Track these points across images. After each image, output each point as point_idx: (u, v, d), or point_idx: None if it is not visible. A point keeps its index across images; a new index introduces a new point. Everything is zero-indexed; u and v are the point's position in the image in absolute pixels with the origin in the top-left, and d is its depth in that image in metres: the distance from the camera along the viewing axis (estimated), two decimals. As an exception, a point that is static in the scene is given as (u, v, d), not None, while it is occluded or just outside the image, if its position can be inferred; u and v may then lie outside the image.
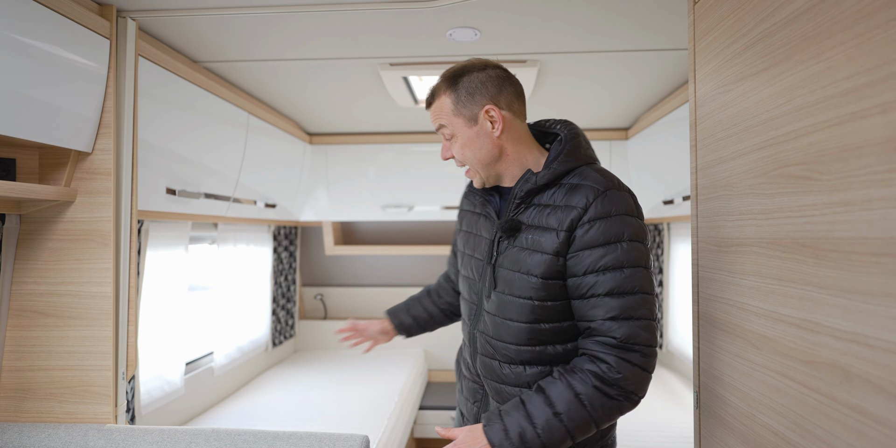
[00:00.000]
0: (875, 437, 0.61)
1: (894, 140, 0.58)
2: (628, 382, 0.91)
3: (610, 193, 0.95)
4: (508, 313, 1.01)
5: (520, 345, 1.01)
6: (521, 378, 1.02)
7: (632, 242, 0.93)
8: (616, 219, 0.93)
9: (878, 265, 0.61)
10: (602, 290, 0.93)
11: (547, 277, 0.97)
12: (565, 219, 0.95)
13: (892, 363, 0.59)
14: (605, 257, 0.93)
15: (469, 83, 1.02)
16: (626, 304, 0.92)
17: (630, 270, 0.93)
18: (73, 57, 1.18)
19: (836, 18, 0.67)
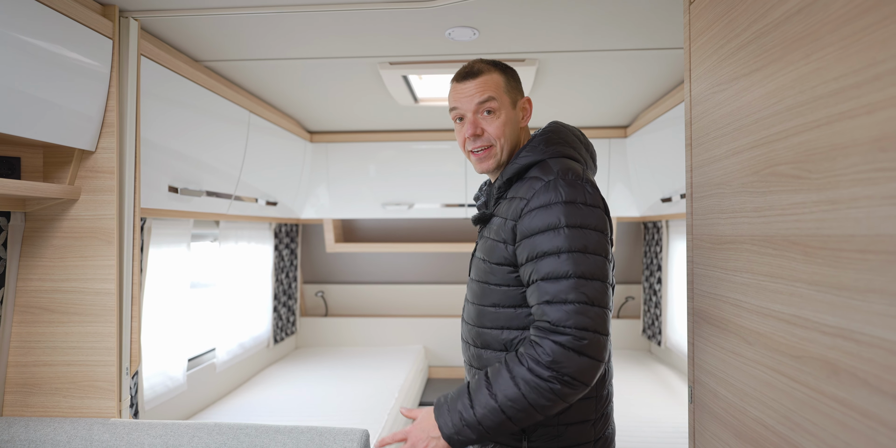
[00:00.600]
0: (859, 429, 0.63)
1: (879, 140, 0.59)
2: (561, 365, 0.89)
3: (553, 183, 0.96)
4: (473, 297, 1.08)
5: (484, 327, 1.05)
6: (483, 361, 1.06)
7: (571, 229, 0.93)
8: (555, 207, 0.94)
9: (863, 262, 0.62)
10: (538, 276, 0.95)
11: (496, 263, 1.02)
12: (516, 209, 0.99)
13: (875, 357, 0.60)
14: (543, 244, 0.94)
15: (513, 74, 1.10)
16: (559, 288, 0.92)
17: (566, 255, 0.92)
18: (77, 56, 1.20)
19: (824, 20, 0.69)
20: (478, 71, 1.06)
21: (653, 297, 3.10)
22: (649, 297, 3.16)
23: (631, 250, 3.43)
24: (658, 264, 2.99)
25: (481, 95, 1.04)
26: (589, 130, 2.82)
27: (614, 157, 2.82)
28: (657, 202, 2.54)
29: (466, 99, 1.06)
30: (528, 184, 1.00)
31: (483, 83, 1.05)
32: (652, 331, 3.12)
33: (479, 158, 1.08)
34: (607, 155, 2.82)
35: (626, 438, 1.95)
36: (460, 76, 1.08)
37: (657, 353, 3.16)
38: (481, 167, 1.09)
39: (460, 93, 1.07)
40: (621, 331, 3.35)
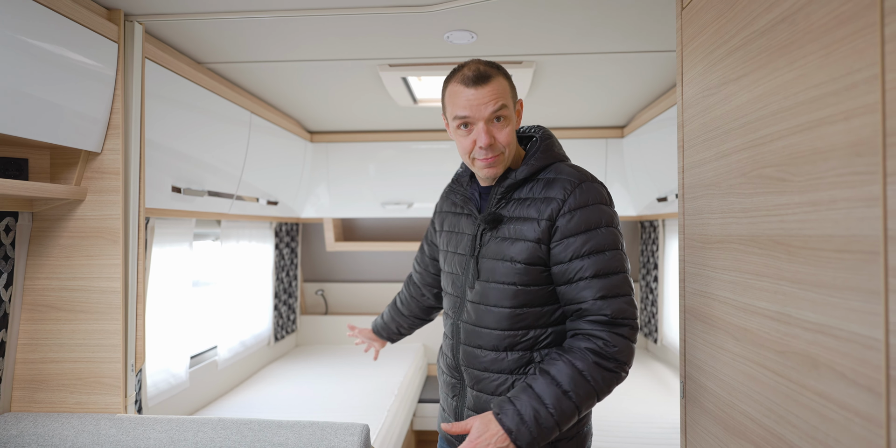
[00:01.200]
0: (837, 420, 0.66)
1: (856, 145, 0.62)
2: (622, 354, 0.98)
3: (585, 185, 1.03)
4: (492, 300, 1.07)
5: (502, 329, 1.06)
6: (501, 364, 1.07)
7: (608, 228, 1.02)
8: (593, 208, 1.02)
9: (840, 261, 0.65)
10: (589, 273, 1.00)
11: (530, 263, 1.04)
12: (545, 209, 1.02)
13: (852, 351, 0.63)
14: (587, 243, 1.00)
15: (510, 78, 1.10)
16: (612, 283, 1.00)
17: (611, 253, 1.01)
18: (83, 60, 1.22)
19: (807, 29, 0.72)
20: (488, 76, 1.02)
21: (649, 296, 3.13)
22: (646, 295, 3.19)
23: (628, 249, 3.46)
24: (655, 263, 3.02)
25: (496, 104, 1.01)
26: (586, 130, 2.85)
27: (611, 157, 2.85)
28: (653, 201, 2.57)
29: (480, 107, 1.01)
30: (553, 184, 1.05)
31: (495, 90, 1.02)
32: (648, 328, 3.16)
33: (488, 164, 1.06)
34: (604, 155, 2.85)
35: (621, 434, 1.99)
36: (470, 81, 1.02)
37: (653, 350, 3.20)
38: (490, 173, 1.07)
39: (472, 100, 1.02)
40: (618, 329, 3.38)
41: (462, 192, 1.17)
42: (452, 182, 1.22)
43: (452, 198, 1.20)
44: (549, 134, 1.14)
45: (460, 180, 1.20)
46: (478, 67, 1.04)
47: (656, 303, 3.00)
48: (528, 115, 2.51)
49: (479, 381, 1.10)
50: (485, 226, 1.09)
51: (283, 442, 1.20)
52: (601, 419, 2.11)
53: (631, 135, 2.68)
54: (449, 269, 1.19)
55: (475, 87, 1.01)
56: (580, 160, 2.95)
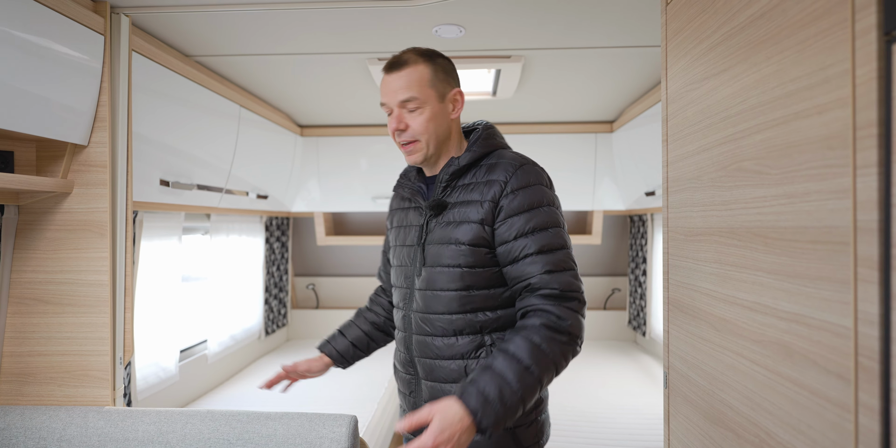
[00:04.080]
0: (810, 407, 0.68)
1: (828, 139, 0.64)
2: (574, 328, 1.00)
3: (526, 167, 1.07)
4: (439, 284, 1.07)
5: (452, 313, 1.06)
6: (454, 349, 1.07)
7: (550, 207, 1.05)
8: (535, 188, 1.05)
9: (814, 252, 0.67)
10: (533, 249, 1.02)
11: (474, 244, 1.05)
12: (488, 191, 1.05)
13: (823, 340, 0.65)
14: (531, 221, 1.03)
15: (445, 64, 1.10)
16: (557, 258, 1.02)
17: (554, 230, 1.04)
18: (69, 52, 1.22)
19: (783, 25, 0.73)
20: (403, 62, 1.06)
21: (638, 289, 3.16)
22: (634, 288, 3.22)
23: (617, 243, 3.49)
24: (643, 257, 3.05)
25: (403, 94, 1.05)
26: (576, 125, 2.86)
27: (601, 151, 2.87)
28: (642, 196, 2.60)
29: (390, 93, 1.06)
30: (495, 168, 1.07)
31: (407, 77, 1.05)
32: (637, 322, 3.19)
33: (406, 151, 1.11)
34: (594, 149, 2.87)
35: (607, 425, 2.02)
36: (387, 67, 1.07)
37: (642, 343, 3.24)
38: (409, 160, 1.12)
39: (386, 86, 1.07)
40: (608, 322, 3.41)
41: (409, 186, 1.17)
42: (400, 177, 1.22)
43: (401, 192, 1.20)
44: (491, 125, 1.18)
45: (408, 175, 1.21)
46: (401, 54, 1.07)
47: (645, 296, 3.03)
48: (518, 110, 2.52)
49: (433, 371, 1.09)
50: (430, 212, 1.10)
51: (272, 433, 1.21)
52: (587, 410, 2.14)
53: (620, 129, 2.70)
54: (398, 263, 1.18)
55: (388, 73, 1.07)
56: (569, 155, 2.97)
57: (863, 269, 0.58)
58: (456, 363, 1.07)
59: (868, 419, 0.58)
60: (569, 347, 0.99)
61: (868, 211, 0.57)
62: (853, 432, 0.60)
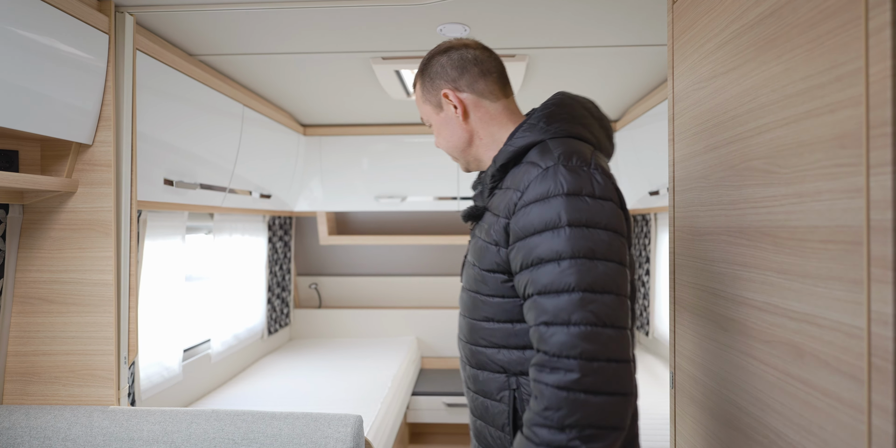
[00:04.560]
0: (821, 407, 0.68)
1: (839, 137, 0.63)
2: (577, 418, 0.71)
3: (552, 170, 0.78)
4: (463, 308, 0.93)
5: (475, 344, 0.89)
6: (477, 383, 0.90)
7: (574, 228, 0.75)
8: (553, 201, 0.76)
9: (825, 251, 0.67)
10: (534, 289, 0.76)
11: (487, 269, 0.85)
12: (509, 203, 0.82)
13: (835, 340, 0.65)
14: (537, 248, 0.76)
15: (432, 69, 0.97)
16: (560, 304, 0.74)
17: (569, 262, 0.74)
18: (74, 51, 1.21)
19: (794, 23, 0.72)
20: (413, 86, 1.04)
21: (641, 289, 3.15)
22: (638, 288, 3.22)
23: (620, 243, 3.48)
24: (647, 256, 3.04)
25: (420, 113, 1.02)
26: (579, 124, 2.85)
27: (604, 151, 2.85)
28: (646, 195, 2.59)
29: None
30: (523, 171, 0.83)
31: (416, 99, 1.02)
32: (640, 321, 3.18)
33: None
34: (597, 149, 2.86)
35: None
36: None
37: (646, 343, 3.23)
38: (462, 168, 1.04)
39: None
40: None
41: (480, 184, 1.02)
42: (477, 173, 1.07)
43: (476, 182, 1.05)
44: (558, 100, 0.92)
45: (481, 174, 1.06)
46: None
47: (648, 296, 3.02)
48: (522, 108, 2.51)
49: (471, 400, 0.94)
50: (466, 222, 0.96)
51: (277, 433, 1.20)
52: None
53: (623, 128, 2.69)
54: None
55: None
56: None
57: (876, 268, 0.58)
58: (480, 399, 0.90)
59: (882, 420, 0.57)
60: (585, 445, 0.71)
61: (882, 210, 0.57)
62: (866, 433, 0.60)
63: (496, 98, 0.96)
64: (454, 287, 3.35)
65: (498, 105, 0.96)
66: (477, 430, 0.94)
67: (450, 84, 0.95)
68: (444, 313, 3.34)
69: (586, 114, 0.92)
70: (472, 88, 0.94)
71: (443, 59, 0.96)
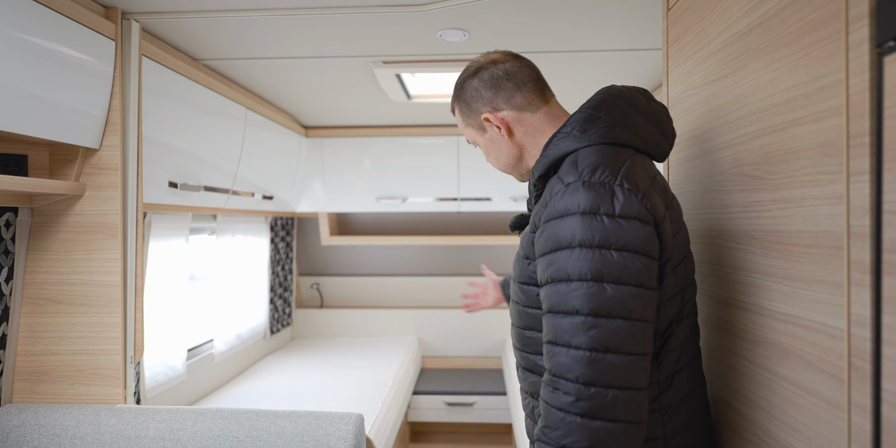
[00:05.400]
0: (805, 406, 0.70)
1: (823, 146, 0.66)
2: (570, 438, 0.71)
3: (573, 187, 0.76)
4: (512, 317, 0.94)
5: (522, 351, 0.91)
6: (531, 386, 0.91)
7: (586, 249, 0.73)
8: (570, 219, 0.75)
9: (809, 255, 0.69)
10: (546, 306, 0.77)
11: (521, 282, 0.86)
12: (536, 217, 0.83)
13: (818, 341, 0.67)
14: (550, 267, 0.76)
15: (467, 93, 0.96)
16: (562, 326, 0.73)
17: (577, 284, 0.73)
18: (81, 58, 1.24)
19: (781, 34, 0.75)
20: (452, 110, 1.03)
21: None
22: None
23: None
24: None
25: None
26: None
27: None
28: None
29: None
30: (552, 184, 0.82)
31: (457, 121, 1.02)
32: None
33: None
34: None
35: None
36: None
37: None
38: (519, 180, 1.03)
39: None
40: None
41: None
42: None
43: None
44: (600, 100, 0.86)
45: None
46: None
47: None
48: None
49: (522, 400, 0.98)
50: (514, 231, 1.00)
51: (280, 431, 1.23)
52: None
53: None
54: None
55: None
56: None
57: (855, 272, 0.60)
58: (530, 400, 0.92)
59: (860, 418, 0.60)
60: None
61: (860, 216, 0.59)
62: (846, 431, 0.62)
63: (536, 108, 0.93)
64: (454, 287, 3.38)
65: (539, 114, 0.93)
66: (529, 430, 0.95)
67: (487, 106, 0.94)
68: (444, 313, 3.37)
69: (631, 112, 0.86)
70: (510, 104, 0.93)
71: (474, 81, 0.95)
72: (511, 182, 2.94)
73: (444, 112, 2.61)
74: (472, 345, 3.32)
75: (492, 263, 3.36)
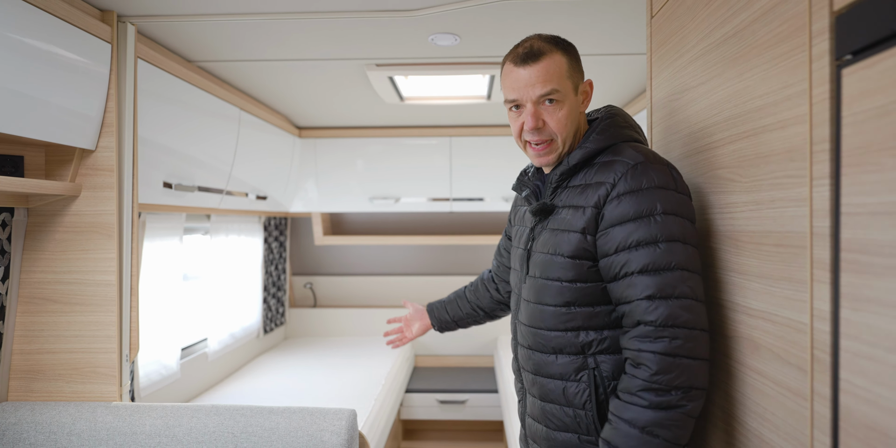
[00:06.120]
0: (773, 396, 0.74)
1: (790, 151, 0.70)
2: (682, 379, 0.82)
3: (641, 167, 0.89)
4: (540, 297, 0.97)
5: (551, 330, 0.95)
6: (552, 368, 0.96)
7: (667, 215, 0.86)
8: (647, 192, 0.87)
9: (777, 254, 0.73)
10: (635, 267, 0.85)
11: (575, 257, 0.92)
12: (593, 195, 0.90)
13: (785, 335, 0.71)
14: (636, 232, 0.86)
15: (576, 52, 0.99)
16: (664, 281, 0.84)
17: (666, 245, 0.84)
18: (78, 60, 1.26)
19: (753, 44, 0.79)
20: (539, 52, 0.93)
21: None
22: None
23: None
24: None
25: (544, 87, 0.93)
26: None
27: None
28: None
29: (527, 88, 0.94)
30: (607, 168, 0.91)
31: (546, 70, 0.93)
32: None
33: (538, 153, 0.98)
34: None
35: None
36: (519, 59, 0.95)
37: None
38: (541, 161, 1.00)
39: (519, 80, 0.94)
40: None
41: (527, 184, 1.08)
42: (520, 174, 1.12)
43: (519, 189, 1.10)
44: (615, 112, 1.01)
45: (527, 171, 1.11)
46: (531, 44, 0.95)
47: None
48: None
49: (535, 385, 1.00)
50: (536, 217, 1.01)
51: (275, 427, 1.26)
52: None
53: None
54: (511, 265, 1.12)
55: (524, 67, 0.94)
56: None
57: (817, 270, 0.64)
58: (554, 383, 0.96)
59: (821, 406, 0.64)
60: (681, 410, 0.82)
61: (822, 218, 0.63)
62: (809, 419, 0.66)
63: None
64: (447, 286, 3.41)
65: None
66: (545, 414, 0.98)
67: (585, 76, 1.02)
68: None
69: (635, 123, 1.04)
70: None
71: (576, 50, 1.00)
72: (502, 182, 2.98)
73: (437, 113, 2.64)
74: (465, 343, 3.35)
75: (484, 263, 3.40)
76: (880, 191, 0.54)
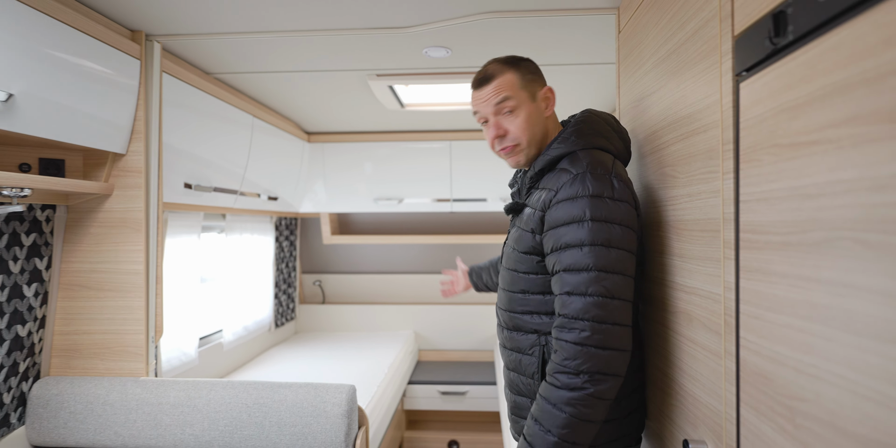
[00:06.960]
0: (700, 359, 0.88)
1: (708, 151, 0.84)
2: (589, 365, 0.92)
3: (580, 176, 0.99)
4: (506, 284, 1.13)
5: (514, 312, 1.10)
6: (514, 342, 1.11)
7: (594, 222, 0.96)
8: (580, 200, 0.97)
9: (702, 238, 0.87)
10: (560, 267, 0.98)
11: (527, 252, 1.06)
12: (545, 200, 1.03)
13: (708, 306, 0.85)
14: (565, 236, 0.97)
15: (529, 66, 1.12)
16: (580, 280, 0.95)
17: (588, 248, 0.95)
18: (111, 74, 1.43)
19: (686, 60, 0.93)
20: (490, 76, 1.09)
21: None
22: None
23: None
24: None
25: (496, 96, 1.07)
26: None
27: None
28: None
29: (484, 104, 1.09)
30: (558, 175, 1.03)
31: (499, 85, 1.07)
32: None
33: (506, 154, 1.12)
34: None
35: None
36: (475, 84, 1.11)
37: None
38: (512, 163, 1.13)
39: (478, 99, 1.11)
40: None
41: (517, 182, 1.21)
42: (514, 173, 1.26)
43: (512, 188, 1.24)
44: (585, 117, 1.11)
45: (517, 172, 1.25)
46: (485, 69, 1.11)
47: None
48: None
49: (506, 358, 1.15)
50: (508, 215, 1.16)
51: (283, 399, 1.41)
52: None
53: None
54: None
55: (479, 89, 1.11)
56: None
57: (726, 249, 0.78)
58: (515, 355, 1.11)
59: (729, 362, 0.77)
60: (585, 392, 0.92)
61: (729, 205, 0.77)
62: (722, 373, 0.80)
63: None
64: (450, 284, 3.55)
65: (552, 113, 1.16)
66: (510, 381, 1.14)
67: (546, 84, 1.14)
68: (440, 309, 3.55)
69: (608, 128, 1.12)
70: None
71: (532, 64, 1.13)
72: (499, 184, 3.12)
73: (437, 119, 2.79)
74: (466, 339, 3.49)
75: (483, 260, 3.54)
76: (761, 182, 0.68)
